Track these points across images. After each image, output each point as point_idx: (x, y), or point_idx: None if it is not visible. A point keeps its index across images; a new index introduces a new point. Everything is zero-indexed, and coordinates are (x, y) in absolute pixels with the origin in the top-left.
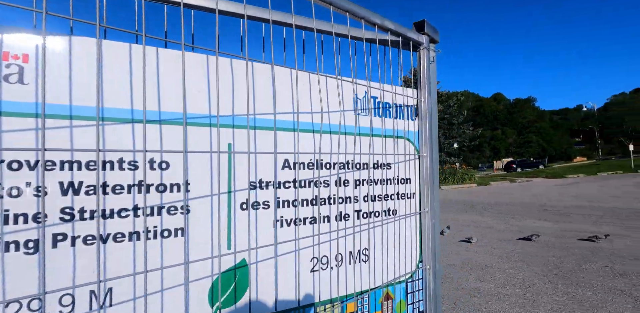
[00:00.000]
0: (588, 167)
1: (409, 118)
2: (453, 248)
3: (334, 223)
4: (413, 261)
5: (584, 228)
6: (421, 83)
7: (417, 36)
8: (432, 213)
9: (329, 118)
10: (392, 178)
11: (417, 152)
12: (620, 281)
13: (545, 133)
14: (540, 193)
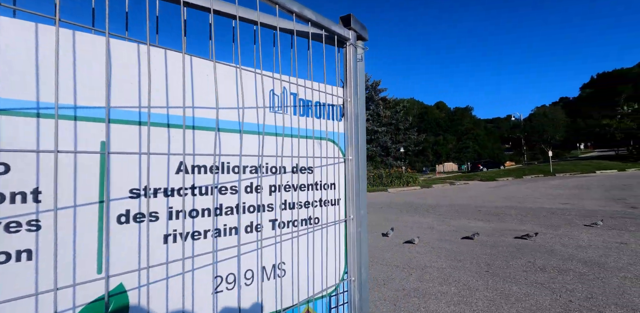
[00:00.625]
0: (515, 171)
1: (335, 119)
2: (397, 250)
3: (243, 236)
4: (338, 273)
5: (512, 226)
6: (347, 82)
7: (342, 31)
8: (358, 221)
9: (238, 114)
10: (314, 183)
11: (342, 155)
12: (540, 275)
13: (480, 139)
14: (476, 195)
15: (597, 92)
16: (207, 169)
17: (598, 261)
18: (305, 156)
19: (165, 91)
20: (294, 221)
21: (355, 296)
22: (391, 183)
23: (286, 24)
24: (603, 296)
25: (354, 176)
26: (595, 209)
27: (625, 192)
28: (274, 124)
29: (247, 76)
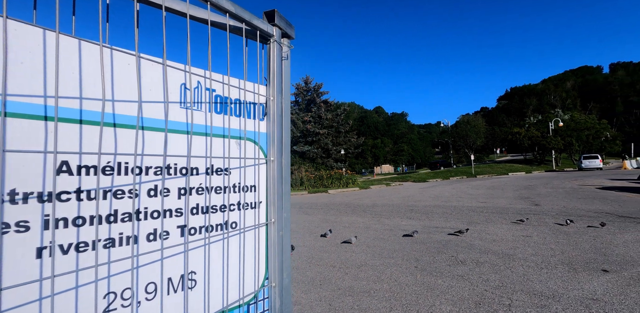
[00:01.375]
0: (444, 173)
1: (257, 118)
2: (334, 250)
3: (145, 245)
4: (257, 279)
5: (439, 224)
6: (270, 80)
7: (266, 27)
8: (279, 224)
9: (139, 109)
10: (232, 186)
11: (264, 156)
12: (461, 268)
13: (414, 143)
14: (408, 195)
15: (510, 104)
16: (97, 171)
17: (508, 253)
18: (221, 156)
19: (44, 79)
20: (208, 226)
21: (276, 302)
22: (331, 184)
23: (200, 12)
24: (511, 284)
25: (276, 178)
26: (507, 207)
27: (530, 191)
28: (185, 121)
29: (153, 67)
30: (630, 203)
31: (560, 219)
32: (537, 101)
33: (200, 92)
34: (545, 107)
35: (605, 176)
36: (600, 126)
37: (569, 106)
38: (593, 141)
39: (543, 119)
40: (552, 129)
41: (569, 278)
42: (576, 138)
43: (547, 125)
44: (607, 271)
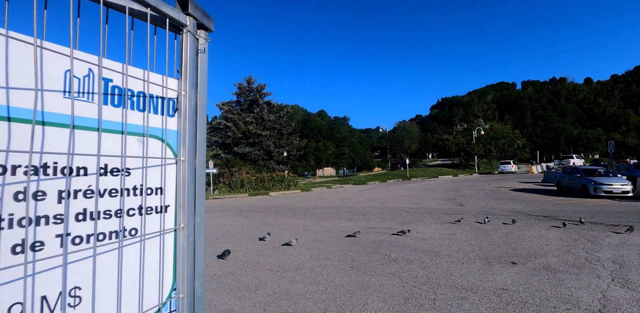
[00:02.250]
0: (381, 176)
1: (166, 114)
2: (272, 253)
3: (7, 258)
4: (163, 291)
5: (375, 225)
6: (183, 73)
7: (177, 15)
8: (190, 229)
9: (7, 97)
10: (132, 188)
11: (174, 155)
12: (393, 266)
13: (355, 147)
14: (348, 197)
15: (441, 112)
16: None
17: (435, 250)
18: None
19: None
20: (99, 234)
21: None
22: (273, 187)
23: None
24: (437, 279)
25: (188, 180)
26: (436, 207)
27: (456, 193)
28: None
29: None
30: (535, 202)
31: (480, 218)
32: (464, 111)
33: (92, 82)
34: (470, 117)
35: (517, 179)
36: (514, 136)
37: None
38: (508, 149)
39: (468, 127)
40: (475, 137)
41: (485, 272)
42: (494, 145)
43: (471, 133)
44: (515, 263)
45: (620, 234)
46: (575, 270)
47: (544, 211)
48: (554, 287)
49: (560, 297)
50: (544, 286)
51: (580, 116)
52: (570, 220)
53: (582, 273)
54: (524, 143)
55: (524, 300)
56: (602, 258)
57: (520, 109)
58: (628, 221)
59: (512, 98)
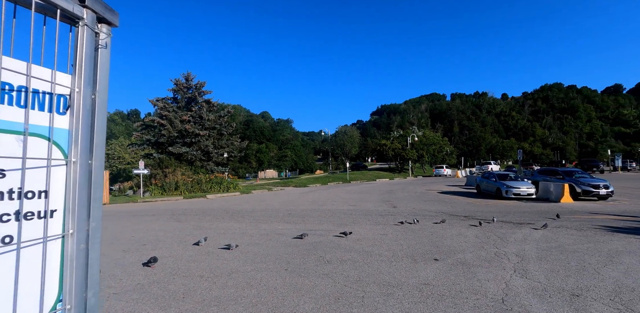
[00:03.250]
0: (323, 178)
1: (56, 111)
2: (205, 258)
3: None
4: (44, 303)
5: (313, 227)
6: (78, 69)
7: (71, 6)
8: (81, 236)
9: None
10: (8, 191)
11: (64, 156)
12: (327, 267)
13: (298, 149)
14: (288, 200)
15: (380, 119)
16: None
17: (368, 250)
18: None
19: None
20: None
21: None
22: (211, 189)
23: None
24: (367, 277)
25: (80, 183)
26: (372, 209)
27: (391, 195)
28: None
29: None
30: (458, 204)
31: (410, 218)
32: (401, 118)
33: None
34: (406, 124)
35: (444, 182)
36: (443, 143)
37: (423, 124)
38: (438, 154)
39: (404, 134)
40: (410, 143)
41: (411, 268)
42: (426, 151)
43: (406, 139)
44: (437, 260)
45: (524, 230)
46: (486, 263)
47: (465, 212)
48: (468, 279)
49: (472, 288)
50: (460, 279)
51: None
52: (485, 220)
53: (492, 266)
54: (452, 150)
55: (442, 293)
56: (508, 253)
57: (449, 118)
58: (531, 219)
59: (443, 108)
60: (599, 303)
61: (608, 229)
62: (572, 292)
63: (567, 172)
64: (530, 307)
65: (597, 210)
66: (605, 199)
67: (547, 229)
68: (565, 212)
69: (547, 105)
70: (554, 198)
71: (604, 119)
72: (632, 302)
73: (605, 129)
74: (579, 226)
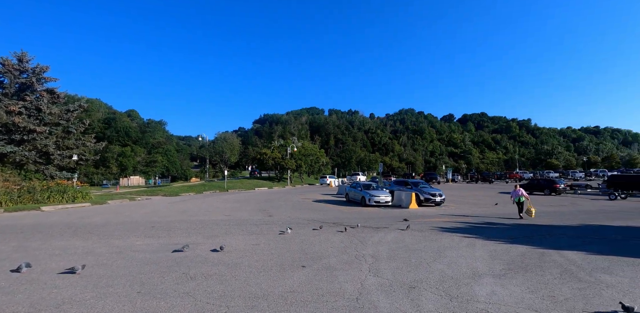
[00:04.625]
0: (198, 187)
1: None
2: (25, 288)
3: None
4: None
5: (179, 240)
6: None
7: None
8: None
9: None
10: None
11: None
12: (190, 284)
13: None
14: (154, 210)
15: (263, 127)
16: None
17: (237, 262)
18: None
19: None
20: None
21: None
22: (49, 199)
23: None
24: (232, 291)
25: None
26: (247, 219)
27: (268, 204)
28: None
29: None
30: (330, 211)
31: (284, 227)
32: (282, 128)
33: None
34: (287, 134)
35: (319, 191)
36: (320, 154)
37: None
38: (315, 165)
39: (284, 144)
40: (289, 153)
41: (278, 277)
42: (304, 161)
43: (286, 149)
44: (304, 266)
45: (380, 234)
46: (347, 266)
47: (335, 219)
48: (330, 283)
49: (332, 291)
50: (323, 284)
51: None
52: (350, 225)
53: (351, 268)
54: (327, 161)
55: (306, 299)
56: (366, 254)
57: (326, 132)
58: (387, 223)
59: (321, 122)
60: (428, 292)
61: (440, 229)
62: (410, 284)
63: (414, 183)
64: (378, 302)
65: (434, 214)
66: (439, 205)
67: (397, 231)
68: (412, 216)
69: (403, 126)
70: (405, 205)
71: (442, 140)
72: (451, 288)
73: (442, 148)
74: (420, 228)
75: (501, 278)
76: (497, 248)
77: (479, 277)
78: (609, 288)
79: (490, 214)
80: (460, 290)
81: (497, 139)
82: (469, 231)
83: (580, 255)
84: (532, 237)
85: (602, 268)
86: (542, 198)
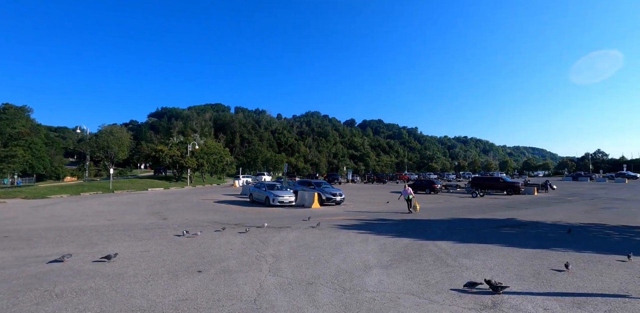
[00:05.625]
0: (74, 187)
1: None
2: None
3: None
4: None
5: (44, 251)
6: None
7: None
8: None
9: None
10: None
11: None
12: (55, 303)
13: (37, 148)
14: (10, 217)
15: (160, 122)
16: None
17: (120, 272)
18: None
19: None
20: None
21: None
22: None
23: None
24: (112, 306)
25: None
26: (136, 223)
27: (163, 206)
28: None
29: None
30: (232, 212)
31: (180, 230)
32: (183, 124)
33: None
34: (189, 131)
35: (222, 192)
36: (224, 153)
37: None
38: (218, 164)
39: (185, 141)
40: (190, 151)
41: (170, 286)
42: (207, 160)
43: (187, 146)
44: (201, 271)
45: (282, 233)
46: (246, 268)
47: (237, 220)
48: (227, 286)
49: (230, 294)
50: (220, 288)
51: (272, 143)
52: (253, 226)
53: (251, 269)
54: (232, 160)
55: (200, 305)
56: (267, 255)
57: (232, 130)
58: (289, 223)
59: (226, 120)
60: (324, 286)
61: (339, 227)
62: (308, 281)
63: (317, 183)
64: (275, 302)
65: (334, 213)
66: (340, 204)
67: (299, 230)
68: (315, 215)
69: (309, 128)
70: (308, 205)
71: (344, 143)
72: (345, 281)
73: (344, 151)
74: (321, 226)
75: (387, 268)
76: (387, 241)
77: (369, 269)
78: (468, 269)
79: (382, 211)
80: (353, 282)
81: (390, 144)
82: (363, 227)
83: (449, 244)
84: (415, 231)
85: (464, 254)
86: (424, 196)
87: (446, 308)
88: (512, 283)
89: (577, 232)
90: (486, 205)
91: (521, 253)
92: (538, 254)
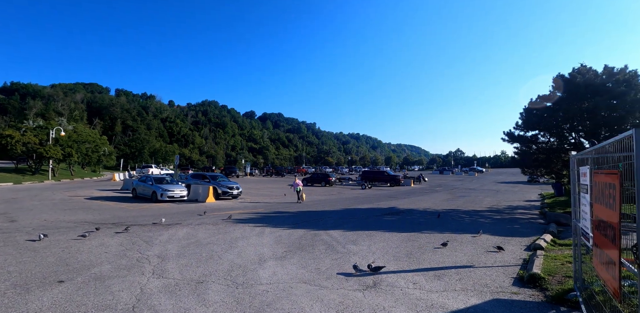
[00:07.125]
0: None
1: None
2: None
3: None
4: None
5: None
6: None
7: None
8: None
9: None
10: None
11: None
12: None
13: None
14: None
15: (9, 100)
16: None
17: None
18: None
19: None
20: None
21: None
22: None
23: None
24: None
25: None
26: None
27: (11, 205)
28: None
29: None
30: (109, 210)
31: (35, 234)
32: (44, 105)
33: None
34: (52, 114)
35: (97, 187)
36: (101, 141)
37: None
38: (92, 154)
39: (44, 125)
40: (52, 138)
41: (18, 302)
42: (77, 149)
43: (48, 132)
44: (63, 281)
45: (171, 231)
46: (125, 272)
47: (115, 219)
48: (99, 295)
49: (101, 304)
50: (88, 298)
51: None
52: (136, 224)
53: (130, 273)
54: (111, 150)
55: None
56: (151, 256)
57: (111, 115)
58: (180, 219)
59: (105, 103)
60: (216, 284)
61: (234, 221)
62: (198, 280)
63: (212, 176)
64: (159, 306)
65: (230, 207)
66: (236, 197)
67: (189, 226)
68: (209, 210)
69: (206, 118)
70: (201, 199)
71: (243, 136)
72: (238, 276)
73: (243, 143)
74: (215, 221)
75: (282, 259)
76: (282, 233)
77: (264, 262)
78: (354, 255)
79: (279, 203)
80: (247, 276)
81: (290, 138)
82: (260, 220)
83: (340, 233)
84: (310, 221)
85: (352, 241)
86: (320, 188)
87: (334, 291)
88: (390, 263)
89: (442, 217)
90: (373, 195)
91: (398, 237)
92: (411, 237)
